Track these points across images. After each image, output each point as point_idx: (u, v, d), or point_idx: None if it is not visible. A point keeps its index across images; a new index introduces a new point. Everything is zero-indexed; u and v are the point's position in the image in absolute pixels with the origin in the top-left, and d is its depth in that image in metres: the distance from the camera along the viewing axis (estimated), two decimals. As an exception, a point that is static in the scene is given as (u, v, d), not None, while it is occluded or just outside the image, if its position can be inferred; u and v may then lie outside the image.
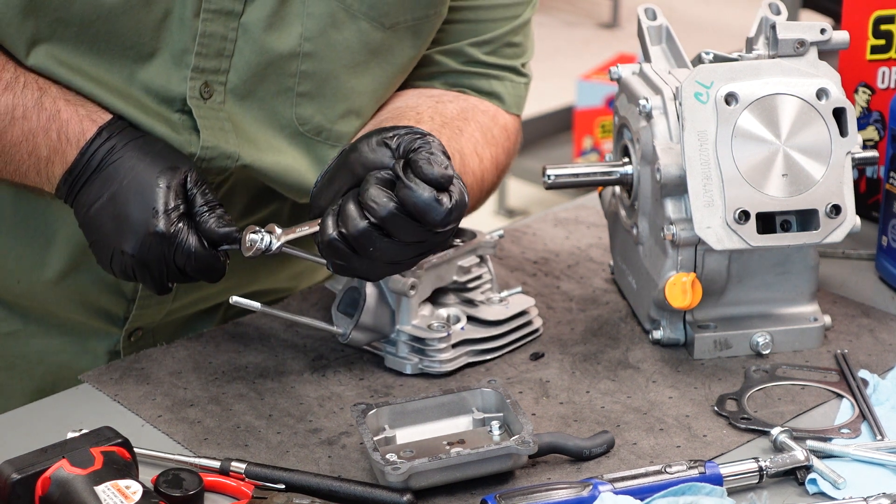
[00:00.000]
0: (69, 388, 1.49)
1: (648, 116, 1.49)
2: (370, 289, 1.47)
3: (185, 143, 1.50)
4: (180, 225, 1.41)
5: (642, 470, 1.29)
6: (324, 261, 1.45)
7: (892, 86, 1.74)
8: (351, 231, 1.33)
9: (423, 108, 1.59)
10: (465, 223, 1.47)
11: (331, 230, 1.35)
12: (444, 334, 1.47)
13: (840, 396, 1.44)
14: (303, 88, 1.54)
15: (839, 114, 1.46)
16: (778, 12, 1.52)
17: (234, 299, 1.42)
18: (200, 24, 1.49)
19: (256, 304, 1.43)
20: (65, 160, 1.45)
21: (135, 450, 1.27)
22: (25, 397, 1.62)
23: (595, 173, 1.57)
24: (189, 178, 1.44)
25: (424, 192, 1.31)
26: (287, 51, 1.52)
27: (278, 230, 1.38)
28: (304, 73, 1.53)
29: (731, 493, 1.28)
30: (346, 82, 1.56)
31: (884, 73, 1.74)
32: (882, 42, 1.73)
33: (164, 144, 1.47)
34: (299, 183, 1.57)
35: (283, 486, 1.30)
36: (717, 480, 1.28)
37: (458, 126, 1.59)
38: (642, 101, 1.49)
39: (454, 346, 1.49)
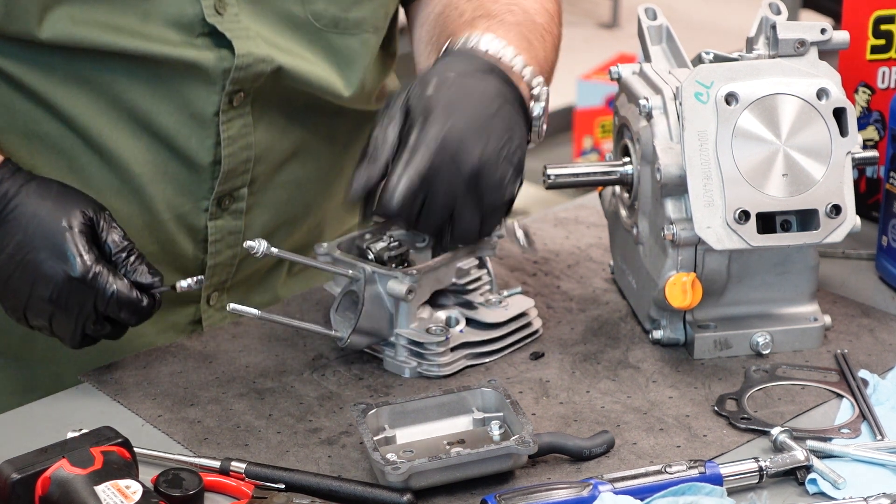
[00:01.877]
0: (69, 388, 1.49)
1: (649, 116, 1.49)
2: (369, 292, 1.46)
3: (218, 60, 1.52)
4: (99, 268, 1.40)
5: (642, 470, 1.29)
6: (316, 263, 1.47)
7: (893, 86, 1.74)
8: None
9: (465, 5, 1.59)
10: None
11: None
12: (443, 338, 1.47)
13: (840, 396, 1.44)
14: None
15: (839, 114, 1.46)
16: (778, 12, 1.52)
17: (232, 306, 1.42)
18: None
19: (255, 311, 1.43)
20: None
21: (135, 450, 1.27)
22: None
23: (595, 173, 1.57)
24: (98, 219, 1.42)
25: None
26: None
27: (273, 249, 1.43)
28: None
29: (731, 493, 1.28)
30: None
31: (884, 72, 1.74)
32: (882, 42, 1.73)
33: (59, 186, 1.45)
34: (328, 83, 1.59)
35: (283, 486, 1.30)
36: (717, 480, 1.28)
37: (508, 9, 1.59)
38: (642, 101, 1.49)
39: (453, 348, 1.48)
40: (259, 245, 1.43)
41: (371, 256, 1.51)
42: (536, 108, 1.51)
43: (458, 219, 1.43)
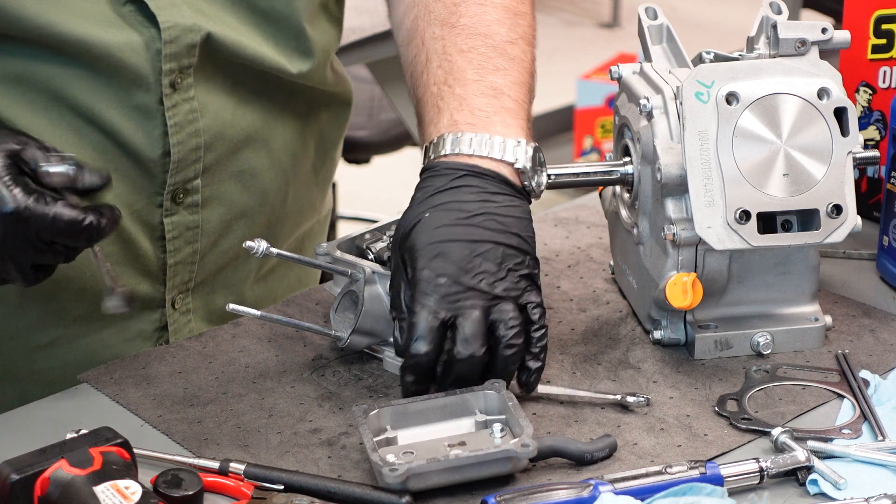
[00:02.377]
0: (69, 388, 1.49)
1: (649, 116, 1.49)
2: (368, 292, 1.46)
3: (150, 41, 1.48)
4: (30, 198, 1.34)
5: (643, 470, 1.29)
6: (316, 263, 1.46)
7: (894, 85, 1.74)
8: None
9: (434, 50, 1.55)
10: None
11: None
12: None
13: (841, 397, 1.44)
14: None
15: (840, 113, 1.46)
16: (779, 12, 1.51)
17: (231, 307, 1.42)
18: None
19: (255, 311, 1.43)
20: None
21: (134, 450, 1.27)
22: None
23: (595, 173, 1.56)
24: (24, 150, 1.37)
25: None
26: None
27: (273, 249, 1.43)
28: None
29: (732, 493, 1.28)
30: None
31: (885, 72, 1.74)
32: (883, 41, 1.73)
33: None
34: (262, 53, 1.56)
35: (282, 487, 1.29)
36: (718, 481, 1.28)
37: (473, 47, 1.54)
38: (643, 101, 1.49)
39: (454, 347, 1.48)
40: (258, 245, 1.43)
41: (371, 256, 1.51)
42: (535, 182, 1.47)
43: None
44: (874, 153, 1.50)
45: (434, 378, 1.39)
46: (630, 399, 1.41)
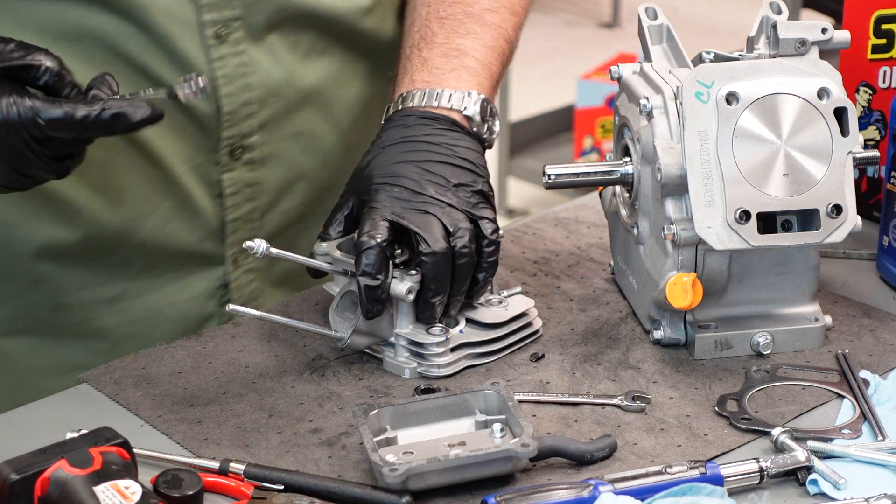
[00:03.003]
0: (69, 388, 1.49)
1: (649, 116, 1.49)
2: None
3: None
4: (12, 98, 1.33)
5: (643, 470, 1.29)
6: (316, 263, 1.48)
7: (894, 85, 1.74)
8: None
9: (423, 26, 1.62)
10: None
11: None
12: (443, 338, 1.47)
13: (841, 397, 1.44)
14: None
15: (840, 113, 1.46)
16: (779, 11, 1.51)
17: (231, 307, 1.42)
18: None
19: (255, 311, 1.43)
20: None
21: (134, 450, 1.27)
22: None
23: (595, 173, 1.56)
24: (10, 59, 1.35)
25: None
26: None
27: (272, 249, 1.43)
28: None
29: (732, 493, 1.28)
30: None
31: (885, 72, 1.74)
32: (883, 41, 1.73)
33: None
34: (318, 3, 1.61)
35: (282, 487, 1.29)
36: (718, 481, 1.28)
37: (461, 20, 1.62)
38: (643, 101, 1.49)
39: (453, 349, 1.48)
40: (258, 245, 1.43)
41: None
42: (485, 129, 1.56)
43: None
44: (874, 153, 1.50)
45: (387, 297, 1.44)
46: (630, 403, 1.42)
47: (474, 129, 1.55)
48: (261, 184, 1.64)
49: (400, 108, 1.56)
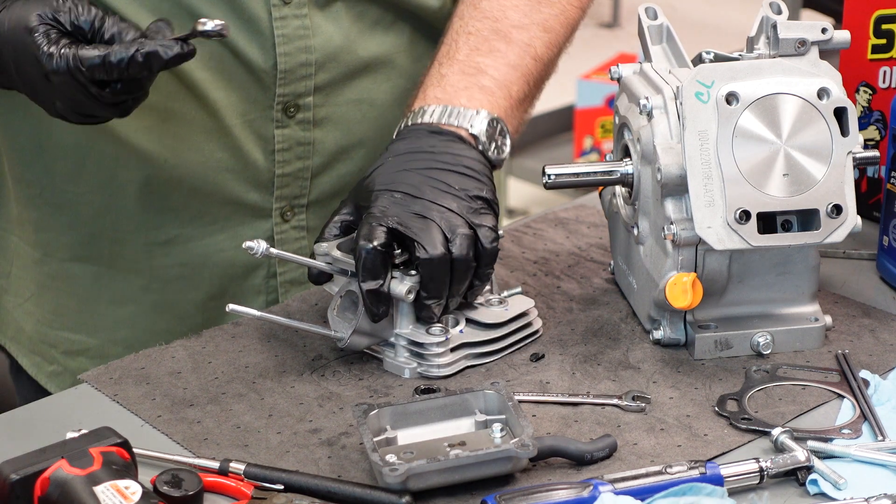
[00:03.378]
0: (69, 388, 1.49)
1: (649, 116, 1.49)
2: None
3: None
4: (61, 50, 1.43)
5: (643, 470, 1.29)
6: (316, 263, 1.48)
7: (894, 85, 1.74)
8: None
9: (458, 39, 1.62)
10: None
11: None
12: (443, 339, 1.47)
13: (841, 397, 1.44)
14: None
15: (840, 113, 1.46)
16: (779, 12, 1.51)
17: (231, 307, 1.42)
18: None
19: (254, 311, 1.43)
20: None
21: (134, 450, 1.27)
22: (199, 310, 1.69)
23: (595, 173, 1.56)
24: (60, 9, 1.45)
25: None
26: None
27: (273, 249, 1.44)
28: None
29: (732, 493, 1.28)
30: None
31: (885, 72, 1.74)
32: (883, 41, 1.73)
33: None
34: None
35: (282, 487, 1.29)
36: (718, 481, 1.28)
37: (488, 39, 1.62)
38: (643, 101, 1.49)
39: (453, 349, 1.48)
40: (258, 246, 1.43)
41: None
42: (493, 149, 1.55)
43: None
44: (874, 153, 1.50)
45: (388, 298, 1.45)
46: (630, 403, 1.42)
47: (480, 147, 1.54)
48: (314, 144, 1.68)
49: (410, 123, 1.56)
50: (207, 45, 1.57)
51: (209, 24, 1.43)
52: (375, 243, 1.43)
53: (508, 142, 1.57)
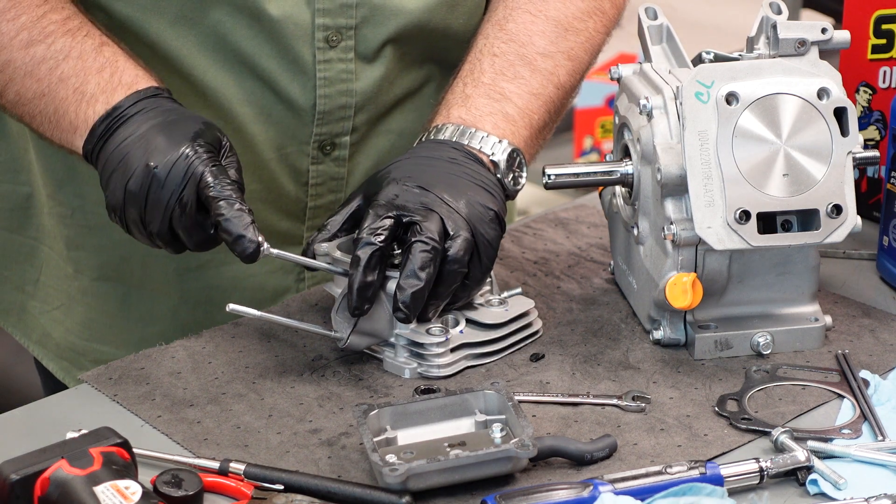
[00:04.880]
0: (69, 389, 1.49)
1: (649, 116, 1.49)
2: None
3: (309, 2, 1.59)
4: (213, 157, 1.43)
5: (643, 470, 1.29)
6: (316, 263, 1.49)
7: (894, 85, 1.74)
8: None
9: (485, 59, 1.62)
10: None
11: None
12: (443, 339, 1.47)
13: (841, 397, 1.44)
14: None
15: (840, 113, 1.46)
16: (779, 12, 1.51)
17: (231, 307, 1.42)
18: None
19: (255, 311, 1.43)
20: (110, 99, 1.47)
21: (134, 450, 1.27)
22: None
23: (595, 173, 1.56)
24: (226, 143, 1.46)
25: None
26: None
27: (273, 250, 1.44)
28: None
29: (732, 493, 1.28)
30: None
31: (885, 72, 1.74)
32: (883, 41, 1.73)
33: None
34: (431, 20, 1.65)
35: (282, 487, 1.29)
36: (718, 481, 1.28)
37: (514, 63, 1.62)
38: (643, 101, 1.49)
39: (453, 349, 1.48)
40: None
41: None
42: (509, 179, 1.55)
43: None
44: (874, 153, 1.50)
45: (373, 294, 1.44)
46: (630, 403, 1.42)
47: (499, 175, 1.54)
48: (346, 178, 1.70)
49: (433, 137, 1.56)
50: (249, 82, 1.60)
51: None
52: (379, 239, 1.43)
53: (525, 174, 1.57)
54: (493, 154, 1.54)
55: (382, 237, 1.43)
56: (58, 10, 1.51)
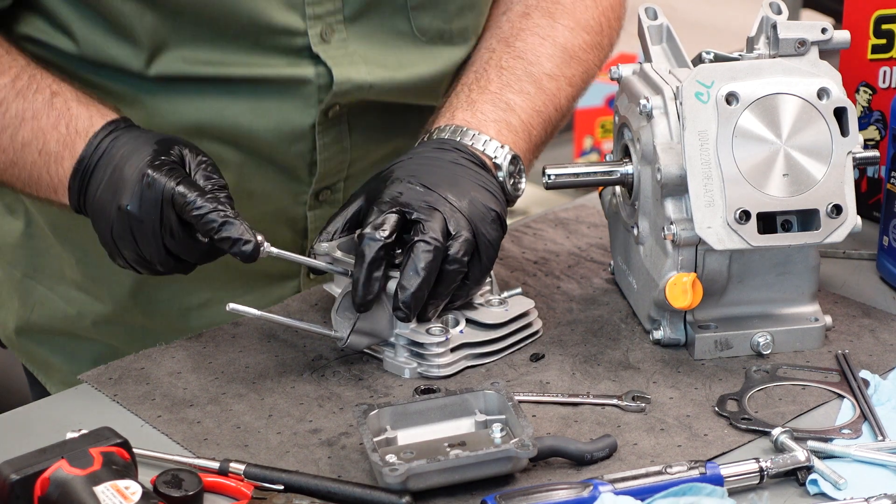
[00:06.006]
0: (68, 389, 1.49)
1: (649, 116, 1.49)
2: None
3: (316, 78, 1.59)
4: (176, 174, 1.41)
5: (643, 470, 1.29)
6: (316, 263, 1.49)
7: (894, 85, 1.74)
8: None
9: (491, 67, 1.64)
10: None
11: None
12: (443, 339, 1.47)
13: (841, 397, 1.44)
14: (416, 2, 1.62)
15: (840, 113, 1.46)
16: (779, 12, 1.51)
17: (231, 306, 1.42)
18: None
19: (255, 311, 1.43)
20: (73, 152, 1.47)
21: (134, 450, 1.27)
22: None
23: (595, 173, 1.56)
24: (187, 152, 1.45)
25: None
26: None
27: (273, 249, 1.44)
28: None
29: (732, 493, 1.28)
30: None
31: (885, 72, 1.74)
32: (883, 41, 1.73)
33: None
34: (429, 88, 1.66)
35: (282, 487, 1.29)
36: (718, 481, 1.28)
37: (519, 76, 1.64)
38: (643, 101, 1.49)
39: (453, 349, 1.48)
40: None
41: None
42: (499, 174, 1.56)
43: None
44: (874, 153, 1.50)
45: (378, 292, 1.44)
46: (630, 403, 1.42)
47: (501, 178, 1.55)
48: None
49: (436, 136, 1.57)
50: (244, 152, 1.62)
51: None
52: (384, 234, 1.43)
53: (524, 180, 1.59)
54: (496, 157, 1.55)
55: (387, 233, 1.44)
56: (5, 71, 1.51)
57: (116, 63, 1.56)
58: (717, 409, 1.41)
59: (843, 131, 1.46)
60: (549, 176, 1.55)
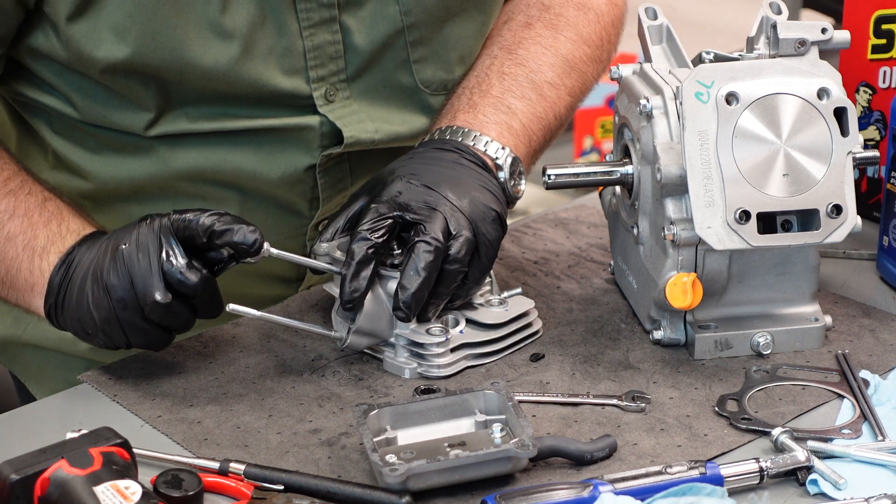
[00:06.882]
0: (68, 389, 1.49)
1: (649, 116, 1.49)
2: (369, 293, 1.46)
3: (320, 126, 1.60)
4: (163, 215, 1.42)
5: (643, 470, 1.29)
6: (316, 263, 1.49)
7: (894, 85, 1.74)
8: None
9: (493, 74, 1.65)
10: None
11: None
12: (443, 339, 1.47)
13: (841, 397, 1.44)
14: (417, 56, 1.63)
15: (840, 113, 1.46)
16: (779, 12, 1.51)
17: (231, 306, 1.42)
18: (305, 40, 1.56)
19: (255, 311, 1.43)
20: (62, 247, 1.45)
21: (134, 450, 1.27)
22: None
23: (595, 173, 1.56)
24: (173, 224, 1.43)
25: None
26: (392, 31, 1.60)
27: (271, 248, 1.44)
28: (414, 43, 1.62)
29: (732, 493, 1.28)
30: (452, 31, 1.64)
31: (885, 72, 1.74)
32: (883, 41, 1.73)
33: None
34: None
35: (282, 487, 1.29)
36: (718, 481, 1.28)
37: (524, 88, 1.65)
38: (643, 101, 1.49)
39: (453, 349, 1.48)
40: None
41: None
42: (500, 175, 1.56)
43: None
44: (874, 153, 1.50)
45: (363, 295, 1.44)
46: (630, 403, 1.42)
47: (501, 178, 1.56)
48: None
49: (437, 137, 1.57)
50: (246, 195, 1.62)
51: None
52: (374, 237, 1.44)
53: (524, 182, 1.59)
54: (497, 158, 1.56)
55: (379, 234, 1.44)
56: None
57: (119, 127, 1.57)
58: (717, 409, 1.41)
59: (843, 131, 1.46)
60: (549, 176, 1.55)
